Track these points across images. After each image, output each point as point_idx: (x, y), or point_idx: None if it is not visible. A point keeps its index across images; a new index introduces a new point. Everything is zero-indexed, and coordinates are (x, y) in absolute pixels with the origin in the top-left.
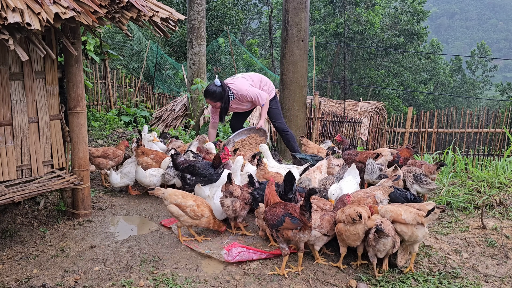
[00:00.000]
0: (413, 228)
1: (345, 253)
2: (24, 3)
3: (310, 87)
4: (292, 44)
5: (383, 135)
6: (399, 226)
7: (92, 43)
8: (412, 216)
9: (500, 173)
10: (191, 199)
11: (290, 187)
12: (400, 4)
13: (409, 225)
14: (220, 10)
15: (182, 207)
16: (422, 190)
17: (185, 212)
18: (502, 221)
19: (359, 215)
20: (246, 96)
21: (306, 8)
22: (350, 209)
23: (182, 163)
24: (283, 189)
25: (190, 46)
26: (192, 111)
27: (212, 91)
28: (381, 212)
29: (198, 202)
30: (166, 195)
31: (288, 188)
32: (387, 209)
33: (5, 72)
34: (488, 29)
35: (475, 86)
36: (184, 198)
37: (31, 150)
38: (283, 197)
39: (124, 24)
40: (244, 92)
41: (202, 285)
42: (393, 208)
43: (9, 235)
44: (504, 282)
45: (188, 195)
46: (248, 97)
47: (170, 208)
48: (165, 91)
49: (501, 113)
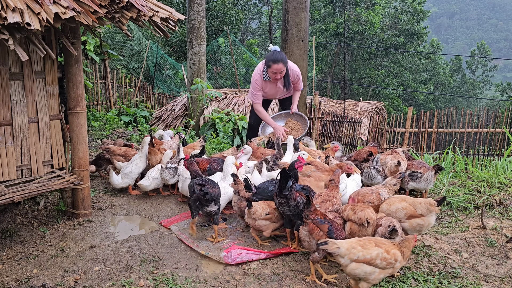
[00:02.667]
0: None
1: None
2: (24, 3)
3: (310, 87)
4: (292, 44)
5: (383, 135)
6: (415, 221)
7: (92, 43)
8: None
9: (500, 173)
10: (372, 243)
11: (284, 184)
12: (400, 4)
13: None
14: (220, 10)
15: (370, 261)
16: (419, 186)
17: (375, 266)
18: (502, 221)
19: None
20: (295, 74)
21: (306, 8)
22: (361, 213)
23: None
24: (278, 186)
25: (190, 46)
26: (192, 111)
27: (283, 55)
28: (382, 210)
29: (381, 244)
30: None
31: (283, 185)
32: (398, 207)
33: (5, 72)
34: (488, 29)
35: (475, 86)
36: (364, 248)
37: (31, 150)
38: (279, 195)
39: (124, 24)
40: (296, 69)
41: (202, 285)
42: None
43: (9, 235)
44: (504, 282)
45: (366, 240)
46: (296, 76)
47: (354, 271)
48: (165, 91)
49: (501, 113)
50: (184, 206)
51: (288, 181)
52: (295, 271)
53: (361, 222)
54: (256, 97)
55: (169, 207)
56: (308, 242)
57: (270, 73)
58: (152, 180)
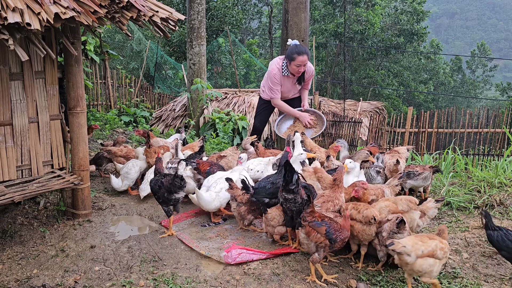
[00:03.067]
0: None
1: (355, 250)
2: (24, 3)
3: (310, 87)
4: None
5: (383, 135)
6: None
7: (92, 43)
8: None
9: (500, 173)
10: (425, 237)
11: (290, 178)
12: (400, 4)
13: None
14: (220, 10)
15: (432, 253)
16: (417, 183)
17: (436, 258)
18: (502, 221)
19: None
20: (310, 72)
21: (306, 8)
22: (367, 211)
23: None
24: (283, 181)
25: (190, 46)
26: (192, 111)
27: (306, 48)
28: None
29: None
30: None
31: (289, 179)
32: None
33: (5, 72)
34: (488, 29)
35: (475, 86)
36: (424, 242)
37: (31, 150)
38: (285, 189)
39: (124, 24)
40: (311, 67)
41: (202, 285)
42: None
43: (9, 235)
44: (504, 282)
45: (418, 236)
46: (311, 73)
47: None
48: (165, 91)
49: (501, 113)
50: (184, 206)
51: (293, 174)
52: (295, 271)
53: (367, 220)
54: (275, 92)
55: None
56: (306, 244)
57: (293, 66)
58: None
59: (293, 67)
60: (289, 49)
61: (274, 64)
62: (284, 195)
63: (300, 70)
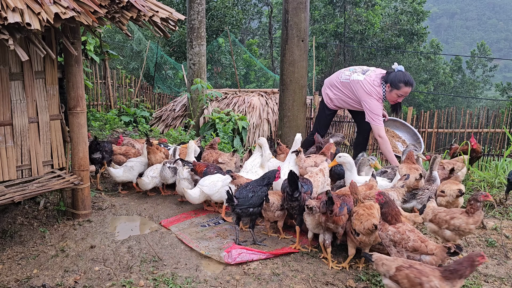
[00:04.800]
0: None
1: (353, 255)
2: (24, 3)
3: (310, 87)
4: (292, 44)
5: None
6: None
7: (92, 43)
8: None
9: (500, 173)
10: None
11: (295, 187)
12: (400, 4)
13: None
14: (220, 10)
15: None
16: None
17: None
18: (502, 221)
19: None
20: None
21: (306, 8)
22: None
23: None
24: (289, 189)
25: (190, 46)
26: (192, 111)
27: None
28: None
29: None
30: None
31: (293, 187)
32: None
33: (5, 72)
34: (488, 29)
35: (475, 86)
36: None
37: (31, 150)
38: (290, 197)
39: (124, 24)
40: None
41: (202, 285)
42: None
43: (9, 235)
44: (504, 282)
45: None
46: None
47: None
48: (165, 91)
49: (501, 113)
50: (184, 206)
51: (297, 184)
52: (295, 271)
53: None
54: (381, 120)
55: (169, 207)
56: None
57: (394, 94)
58: (151, 179)
59: (393, 95)
60: (395, 75)
61: (372, 86)
62: (289, 203)
63: (399, 100)
